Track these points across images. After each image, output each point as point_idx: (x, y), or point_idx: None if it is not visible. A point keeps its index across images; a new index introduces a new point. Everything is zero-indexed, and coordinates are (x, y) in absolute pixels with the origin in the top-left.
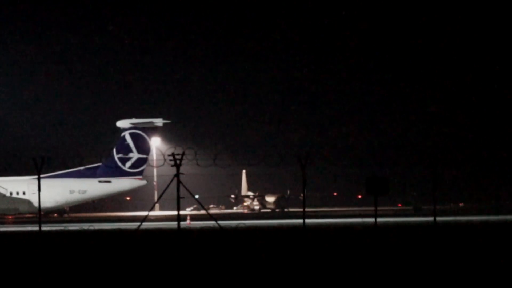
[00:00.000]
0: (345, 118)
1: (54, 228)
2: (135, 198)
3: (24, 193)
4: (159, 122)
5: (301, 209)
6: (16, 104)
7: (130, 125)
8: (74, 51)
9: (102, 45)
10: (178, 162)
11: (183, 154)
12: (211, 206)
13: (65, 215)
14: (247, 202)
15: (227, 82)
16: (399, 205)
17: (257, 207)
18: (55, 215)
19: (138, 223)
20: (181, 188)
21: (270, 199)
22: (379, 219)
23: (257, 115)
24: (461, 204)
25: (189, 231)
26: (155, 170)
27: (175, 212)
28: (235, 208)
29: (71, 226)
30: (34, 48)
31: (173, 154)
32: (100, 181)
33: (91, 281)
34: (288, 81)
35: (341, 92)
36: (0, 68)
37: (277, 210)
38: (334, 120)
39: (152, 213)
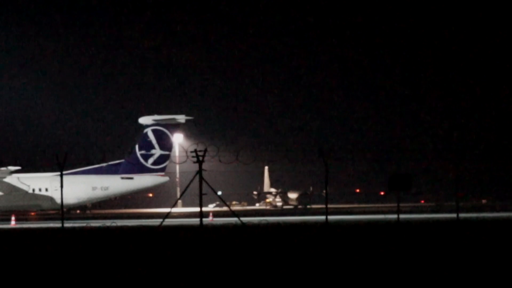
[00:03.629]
0: (368, 114)
1: (76, 225)
2: (158, 195)
3: (46, 190)
4: (181, 118)
5: (324, 206)
6: (39, 101)
7: (153, 122)
8: (97, 47)
9: (125, 41)
10: (200, 158)
11: (205, 150)
12: (234, 202)
13: (87, 211)
14: (270, 199)
15: (249, 79)
16: (422, 201)
17: (279, 204)
18: (78, 211)
19: (161, 220)
20: (204, 184)
21: (292, 195)
22: (401, 216)
23: (280, 111)
24: (483, 201)
25: (212, 227)
26: (177, 166)
27: (197, 209)
28: (257, 204)
29: (94, 222)
30: (58, 44)
31: (195, 151)
32: (122, 178)
33: (113, 277)
34: (311, 77)
35: (364, 88)
36: (24, 64)
37: (299, 206)
38: (357, 116)
39: (174, 210)
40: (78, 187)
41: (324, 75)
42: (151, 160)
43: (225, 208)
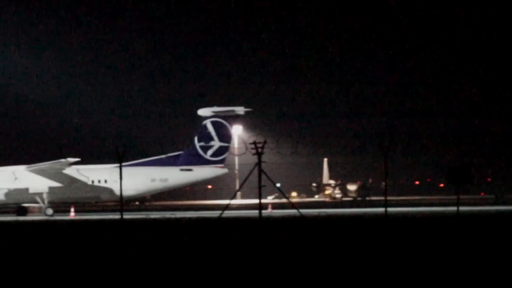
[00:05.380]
0: (428, 105)
1: (135, 217)
2: (217, 187)
3: (105, 182)
4: (240, 110)
5: (383, 198)
6: (98, 93)
7: (212, 114)
8: (156, 40)
9: (184, 33)
10: (259, 150)
11: (264, 142)
12: (293, 194)
13: (147, 203)
14: (329, 191)
15: (308, 71)
16: (482, 194)
17: (338, 196)
18: (137, 203)
19: (220, 212)
20: (263, 176)
21: (351, 187)
22: (461, 208)
23: (339, 103)
24: None
25: (270, 219)
26: (236, 158)
27: (256, 201)
28: (316, 196)
29: (153, 214)
30: (116, 37)
31: (254, 143)
32: (181, 170)
33: (171, 268)
34: (369, 68)
35: (425, 79)
36: (80, 58)
37: (358, 198)
38: (417, 107)
39: (233, 202)
40: (137, 179)
41: (383, 68)
42: (210, 152)
43: (284, 200)
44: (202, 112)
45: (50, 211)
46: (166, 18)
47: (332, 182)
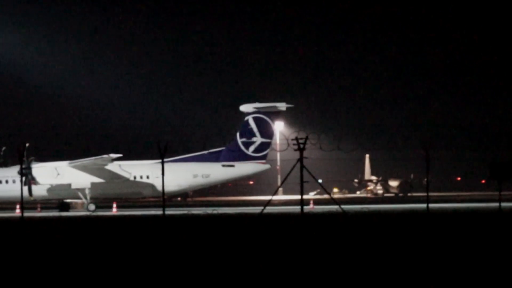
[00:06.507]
0: (470, 100)
1: (177, 212)
2: (258, 182)
3: (147, 177)
4: (282, 106)
5: (425, 194)
6: (140, 89)
7: (254, 109)
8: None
9: (225, 29)
10: (301, 146)
11: (306, 138)
12: (334, 190)
13: (189, 199)
14: (370, 187)
15: (350, 66)
16: None
17: (380, 192)
18: (179, 199)
19: (262, 208)
20: (305, 172)
21: (393, 183)
22: (503, 204)
23: (380, 98)
24: None
25: (312, 215)
26: (278, 154)
27: (298, 197)
28: (358, 192)
29: (195, 210)
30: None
31: (296, 139)
32: (223, 165)
33: (212, 264)
34: (412, 64)
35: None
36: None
37: (400, 194)
38: (458, 103)
39: (275, 197)
40: (179, 175)
41: (425, 63)
42: (252, 148)
43: (326, 196)
44: (244, 108)
45: (92, 206)
46: (208, 14)
47: (373, 178)
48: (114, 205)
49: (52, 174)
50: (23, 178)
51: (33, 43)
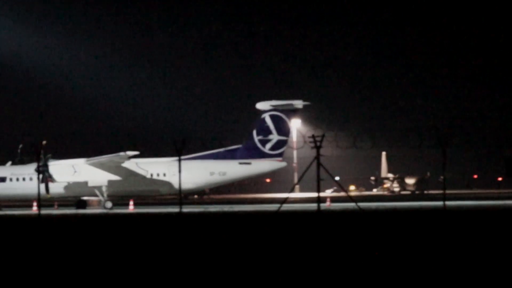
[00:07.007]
0: (488, 98)
1: (194, 210)
2: (275, 180)
3: (164, 175)
4: (299, 104)
5: (441, 191)
6: (157, 87)
7: (270, 107)
8: (216, 33)
9: (242, 27)
10: (318, 144)
11: (323, 136)
12: (351, 188)
13: (205, 196)
14: (387, 184)
15: (367, 64)
16: None
17: (396, 189)
18: (195, 196)
19: (278, 205)
20: (321, 169)
21: (410, 181)
22: None
23: (397, 95)
24: None
25: (329, 213)
26: (295, 152)
27: (315, 194)
28: (374, 190)
29: (211, 207)
30: (172, 32)
31: (313, 136)
32: (240, 163)
33: (229, 261)
34: (428, 62)
35: (483, 71)
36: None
37: (417, 192)
38: (475, 100)
39: (292, 195)
40: (195, 172)
41: (442, 60)
42: (268, 146)
43: (342, 194)
44: (261, 105)
45: (109, 204)
46: (226, 12)
47: (390, 175)
48: (131, 203)
49: (69, 172)
50: (40, 176)
51: (50, 41)
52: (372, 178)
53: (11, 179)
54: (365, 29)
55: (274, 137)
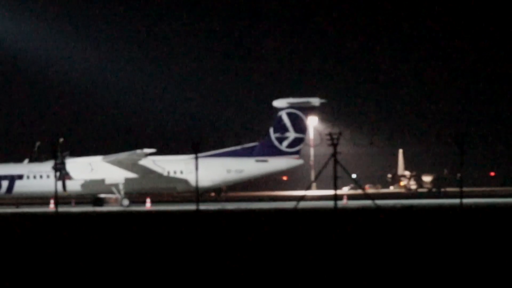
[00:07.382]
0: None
1: (211, 207)
2: (292, 178)
3: (181, 172)
4: (315, 101)
5: (458, 189)
6: (175, 85)
7: (287, 105)
8: (234, 30)
9: (259, 24)
10: (335, 141)
11: (340, 133)
12: (368, 185)
13: (222, 194)
14: (404, 182)
15: (383, 62)
16: None
17: (413, 187)
18: (212, 194)
19: (295, 202)
20: (338, 167)
21: (426, 178)
22: None
23: (414, 93)
24: None
25: (346, 210)
26: (312, 149)
27: (332, 192)
28: (391, 187)
29: (228, 205)
30: (190, 29)
31: (330, 134)
32: (257, 161)
33: (245, 258)
34: (443, 60)
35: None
36: (157, 49)
37: (433, 190)
38: (492, 98)
39: (309, 192)
40: (212, 170)
41: (459, 58)
42: (285, 143)
43: (359, 191)
44: (278, 103)
45: (126, 201)
46: (243, 10)
47: (407, 173)
48: (148, 200)
49: (86, 169)
50: (57, 173)
51: (69, 40)
52: (389, 175)
53: (28, 177)
54: (384, 27)
55: (291, 134)
